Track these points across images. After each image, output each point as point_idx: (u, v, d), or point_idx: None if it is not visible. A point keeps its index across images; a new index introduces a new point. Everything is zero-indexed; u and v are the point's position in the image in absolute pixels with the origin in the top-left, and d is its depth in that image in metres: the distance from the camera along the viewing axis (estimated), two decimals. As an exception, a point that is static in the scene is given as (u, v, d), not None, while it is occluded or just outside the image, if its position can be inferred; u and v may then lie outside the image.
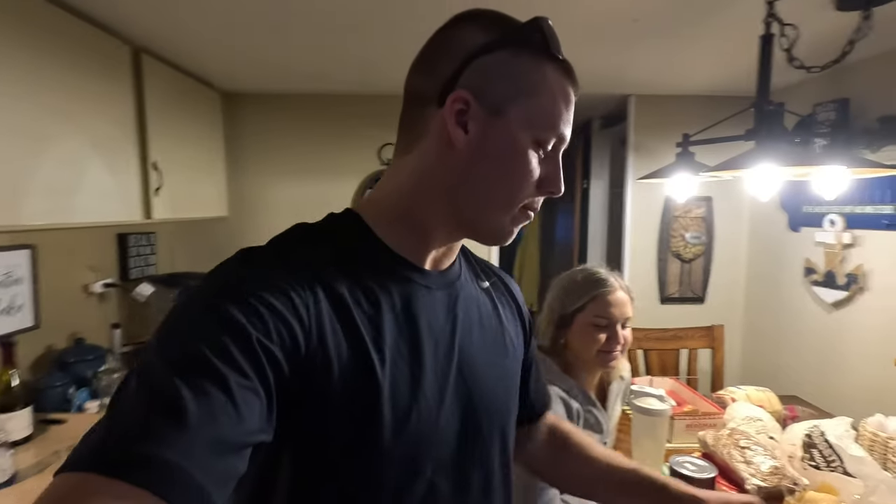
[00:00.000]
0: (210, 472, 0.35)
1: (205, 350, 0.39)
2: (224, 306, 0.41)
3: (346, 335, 0.47)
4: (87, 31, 1.44)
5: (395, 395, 0.48)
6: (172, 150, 1.88)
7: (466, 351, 0.56)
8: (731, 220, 2.45)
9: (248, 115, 2.46)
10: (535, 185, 0.53)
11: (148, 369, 0.39)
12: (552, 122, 0.52)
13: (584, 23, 1.48)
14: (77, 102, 1.40)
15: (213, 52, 1.85)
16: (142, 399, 0.37)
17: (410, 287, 0.53)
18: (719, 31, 1.55)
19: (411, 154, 0.54)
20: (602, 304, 1.12)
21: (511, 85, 0.50)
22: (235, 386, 0.38)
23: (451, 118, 0.50)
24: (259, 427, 0.40)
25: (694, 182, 1.45)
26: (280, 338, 0.42)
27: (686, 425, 1.40)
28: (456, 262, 0.60)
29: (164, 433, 0.35)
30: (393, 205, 0.55)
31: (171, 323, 0.43)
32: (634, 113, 2.42)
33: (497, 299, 0.65)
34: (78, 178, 1.41)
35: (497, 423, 0.59)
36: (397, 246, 0.54)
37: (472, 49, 0.51)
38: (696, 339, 1.96)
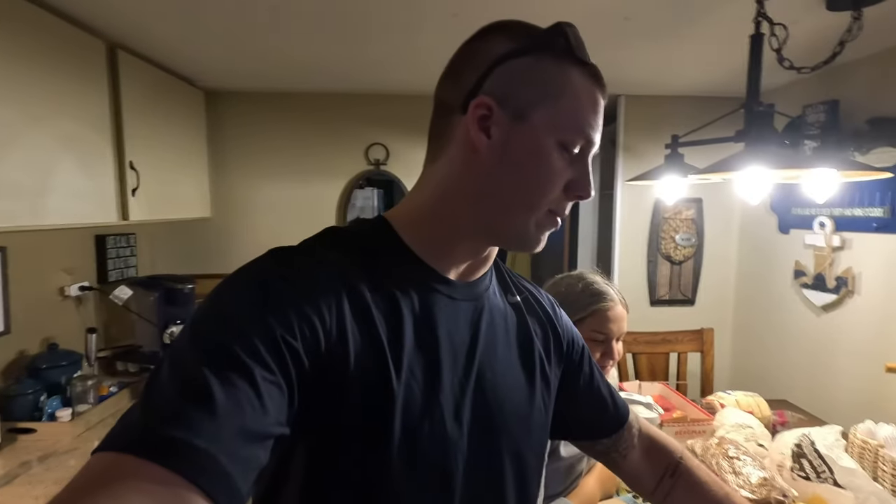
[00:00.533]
0: (237, 460, 0.37)
1: (233, 344, 0.40)
2: (250, 303, 0.43)
3: (366, 339, 0.47)
4: (57, 26, 1.39)
5: (409, 402, 0.48)
6: (151, 150, 1.83)
7: (488, 365, 0.56)
8: (721, 221, 2.43)
9: (232, 113, 2.40)
10: (563, 190, 0.53)
11: (180, 358, 0.41)
12: (577, 125, 0.51)
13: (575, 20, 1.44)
14: (46, 99, 1.34)
15: (194, 49, 1.80)
16: (174, 386, 0.38)
17: (433, 295, 0.53)
18: (710, 31, 1.53)
19: (438, 162, 0.55)
20: (602, 319, 1.08)
21: (534, 89, 0.51)
22: (260, 379, 0.40)
23: (473, 124, 0.51)
24: (280, 420, 0.41)
25: (683, 184, 1.43)
26: (303, 335, 0.43)
27: (675, 432, 1.37)
28: (487, 274, 0.60)
29: (195, 419, 0.36)
30: (420, 212, 0.55)
31: (201, 316, 0.45)
32: (624, 113, 2.40)
33: (527, 316, 0.64)
34: (47, 179, 1.36)
35: (516, 443, 0.58)
36: (424, 254, 0.54)
37: (495, 57, 0.51)
38: (686, 343, 1.94)
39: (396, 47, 1.71)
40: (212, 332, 0.42)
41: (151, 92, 1.86)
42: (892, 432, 1.16)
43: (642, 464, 0.73)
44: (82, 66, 1.49)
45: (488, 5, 1.35)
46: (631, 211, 2.43)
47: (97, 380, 1.66)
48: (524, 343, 0.62)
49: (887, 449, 1.12)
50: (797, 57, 1.34)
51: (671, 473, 0.71)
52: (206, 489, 0.34)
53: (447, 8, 1.38)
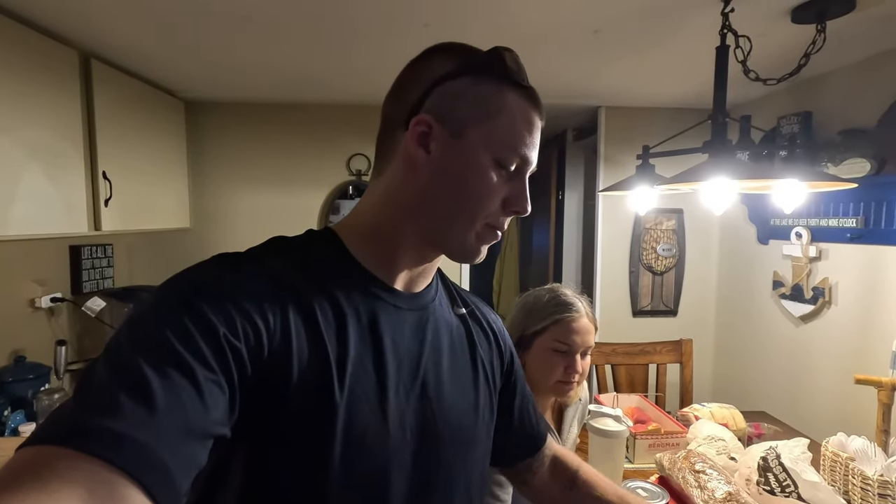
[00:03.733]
0: (175, 455, 0.35)
1: (174, 341, 0.40)
2: (195, 301, 0.43)
3: (310, 345, 0.47)
4: (27, 35, 1.38)
5: (352, 410, 0.48)
6: (126, 160, 1.81)
7: (433, 374, 0.56)
8: (701, 232, 2.44)
9: (213, 124, 2.40)
10: (501, 205, 0.54)
11: (118, 354, 0.39)
12: (512, 143, 0.53)
13: (544, 33, 1.46)
14: (13, 108, 1.33)
15: (172, 60, 1.80)
16: (112, 380, 0.37)
17: (378, 304, 0.54)
18: (681, 43, 1.54)
19: (382, 176, 0.57)
20: (564, 329, 1.06)
21: (472, 108, 0.53)
22: (202, 377, 0.39)
23: (413, 140, 0.53)
24: (221, 420, 0.41)
25: (653, 194, 1.43)
26: (246, 337, 0.43)
27: (649, 445, 1.36)
28: (432, 285, 0.61)
29: (131, 412, 0.34)
30: (365, 224, 0.56)
31: (142, 313, 0.43)
32: (605, 125, 2.41)
33: (473, 328, 0.65)
34: (13, 188, 1.34)
35: (461, 452, 0.58)
36: (370, 264, 0.55)
37: (436, 76, 0.53)
38: (665, 354, 1.93)
39: (375, 57, 1.71)
40: (152, 329, 0.41)
41: (128, 102, 1.85)
42: (862, 445, 1.15)
43: (549, 480, 0.74)
44: (54, 75, 1.48)
45: (459, 17, 1.35)
46: (612, 222, 2.43)
47: (65, 393, 1.62)
48: (470, 354, 0.62)
49: (857, 462, 1.11)
50: (766, 69, 1.35)
51: (570, 486, 0.73)
52: (144, 483, 0.32)
53: (420, 18, 1.39)
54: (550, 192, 3.16)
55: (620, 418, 1.17)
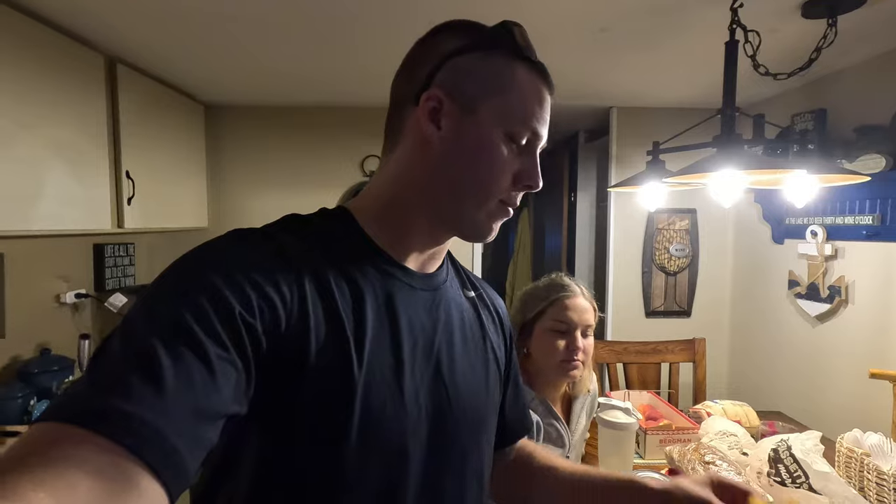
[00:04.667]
0: (185, 438, 0.35)
1: (187, 318, 0.39)
2: (209, 278, 0.42)
3: (328, 321, 0.47)
4: (57, 40, 1.45)
5: (370, 386, 0.48)
6: (149, 160, 1.87)
7: (446, 353, 0.56)
8: (715, 232, 2.42)
9: (230, 126, 2.46)
10: (512, 180, 0.54)
11: (130, 330, 0.39)
12: (522, 117, 0.53)
13: (551, 31, 1.48)
14: (41, 109, 1.39)
15: (193, 66, 1.86)
16: (123, 358, 0.37)
17: (394, 283, 0.54)
18: (691, 40, 1.55)
19: (393, 154, 0.57)
20: (560, 308, 1.11)
21: (482, 83, 0.52)
22: (214, 356, 0.39)
23: (424, 115, 0.53)
24: (234, 399, 0.40)
25: (664, 190, 1.43)
26: (261, 314, 0.43)
27: (659, 440, 1.35)
28: (443, 267, 0.62)
29: (144, 393, 0.35)
30: (378, 203, 0.56)
31: (157, 289, 0.43)
32: (616, 125, 2.41)
33: (482, 310, 0.65)
34: (38, 185, 1.40)
35: (473, 430, 0.58)
36: (383, 242, 0.55)
37: (445, 52, 0.54)
38: (678, 353, 1.92)
39: (387, 60, 1.74)
40: (166, 306, 0.41)
41: (151, 105, 1.91)
42: (878, 441, 1.13)
43: (514, 470, 0.73)
44: (81, 78, 1.54)
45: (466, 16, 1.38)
46: (624, 222, 2.43)
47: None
48: (480, 335, 0.63)
49: (873, 458, 1.10)
50: (778, 65, 1.35)
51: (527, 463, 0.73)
52: (152, 464, 0.33)
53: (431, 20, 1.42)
54: (563, 194, 3.16)
55: (630, 411, 1.17)
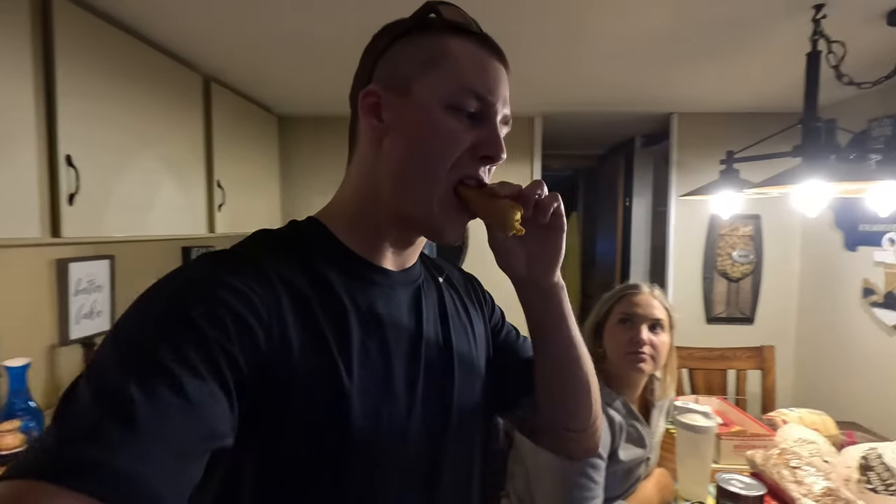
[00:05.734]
0: (163, 479, 0.34)
1: (160, 350, 0.37)
2: (182, 305, 0.40)
3: (311, 338, 0.46)
4: (166, 63, 1.60)
5: (364, 396, 0.48)
6: (233, 170, 2.03)
7: (435, 346, 0.57)
8: (781, 238, 2.38)
9: (301, 136, 2.61)
10: (471, 154, 0.52)
11: (100, 368, 0.37)
12: (461, 85, 0.51)
13: (628, 43, 1.52)
14: (155, 126, 1.55)
15: (274, 81, 2.00)
16: (93, 400, 0.35)
17: (374, 288, 0.54)
18: (764, 48, 1.55)
19: (353, 161, 0.57)
20: (626, 302, 1.17)
21: (412, 63, 0.51)
22: (191, 389, 0.37)
23: (364, 112, 0.53)
24: (217, 432, 0.39)
25: (738, 199, 1.45)
26: (240, 340, 0.41)
27: (734, 446, 1.37)
28: (417, 260, 0.62)
29: (115, 437, 0.33)
30: (347, 210, 0.56)
31: (127, 321, 0.41)
32: (677, 131, 2.41)
33: (454, 291, 0.66)
34: (153, 195, 1.55)
35: (470, 413, 0.59)
36: (358, 247, 0.54)
37: (379, 50, 0.54)
38: (745, 360, 1.91)
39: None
40: (136, 339, 0.39)
41: (236, 119, 2.07)
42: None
43: None
44: (184, 96, 1.70)
45: (549, 30, 1.44)
46: (685, 227, 2.42)
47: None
48: (460, 317, 0.63)
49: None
50: (858, 71, 1.34)
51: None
52: None
53: (499, 28, 1.49)
54: (618, 198, 3.16)
55: (709, 415, 1.20)
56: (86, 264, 1.64)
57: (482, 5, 1.28)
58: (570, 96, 2.18)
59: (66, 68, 1.18)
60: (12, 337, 1.41)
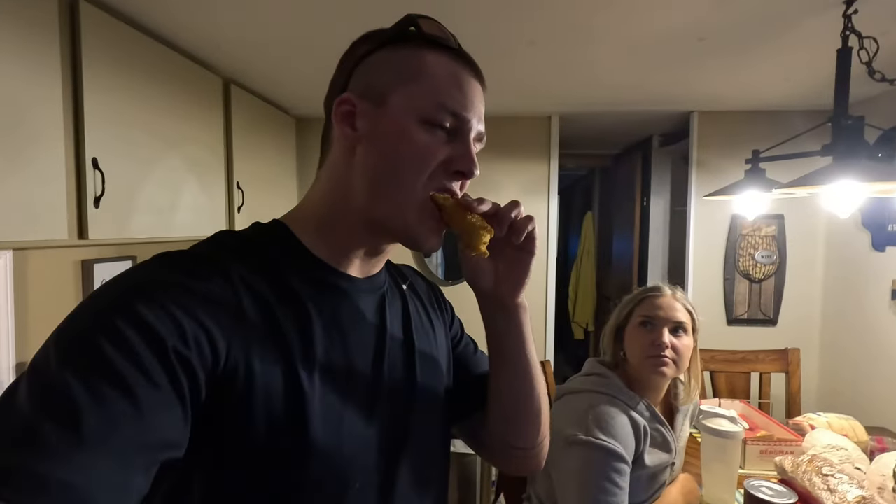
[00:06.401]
0: (110, 491, 0.32)
1: (110, 353, 0.35)
2: (136, 308, 0.38)
3: (272, 346, 0.45)
4: (187, 66, 1.62)
5: (324, 408, 0.46)
6: (252, 171, 2.04)
7: (397, 353, 0.57)
8: (805, 238, 2.33)
9: (317, 137, 2.60)
10: (443, 168, 0.52)
11: (43, 371, 0.35)
12: (438, 100, 0.51)
13: (650, 43, 1.49)
14: (178, 128, 1.57)
15: (292, 83, 2.01)
16: (33, 404, 0.33)
17: (339, 295, 0.53)
18: (790, 46, 1.52)
19: (324, 167, 0.57)
20: (647, 305, 1.15)
21: (389, 75, 0.51)
22: (143, 394, 0.35)
23: (338, 119, 0.53)
24: (169, 441, 0.37)
25: (765, 199, 1.42)
26: (197, 345, 0.39)
27: (760, 451, 1.34)
28: (382, 268, 0.61)
29: (57, 447, 0.31)
30: (313, 214, 0.55)
31: (74, 321, 0.39)
32: (697, 129, 2.37)
33: (418, 298, 0.66)
34: (176, 197, 1.57)
35: (430, 431, 0.59)
36: (322, 253, 0.53)
37: (356, 58, 0.54)
38: (769, 363, 1.87)
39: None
40: (82, 340, 0.36)
41: (254, 120, 2.08)
42: None
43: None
44: (205, 98, 1.72)
45: (568, 33, 1.42)
46: (706, 228, 2.38)
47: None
48: (423, 324, 0.63)
49: None
50: (890, 68, 1.31)
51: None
52: None
53: (524, 36, 1.48)
54: (635, 198, 3.13)
55: (736, 419, 1.17)
56: (109, 265, 1.67)
57: (499, 4, 1.28)
58: (589, 96, 2.16)
59: (92, 72, 1.20)
60: (39, 338, 1.44)
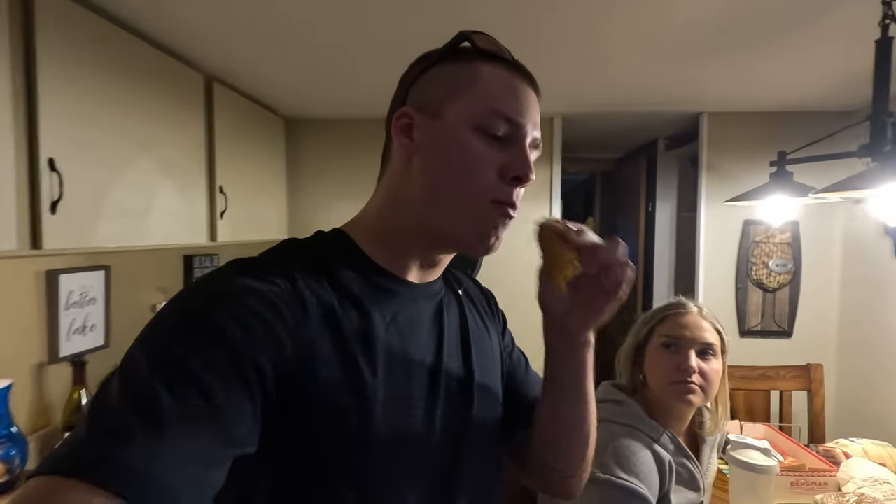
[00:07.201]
0: (187, 483, 0.35)
1: (190, 357, 0.38)
2: (212, 314, 0.41)
3: (337, 348, 0.47)
4: (167, 62, 1.50)
5: (386, 407, 0.48)
6: (237, 174, 1.92)
7: (455, 358, 0.58)
8: (821, 246, 2.22)
9: (308, 139, 2.50)
10: (500, 176, 0.53)
11: (131, 372, 0.39)
12: (491, 108, 0.52)
13: (666, 37, 1.38)
14: (153, 127, 1.44)
15: (278, 83, 1.90)
16: (123, 401, 0.36)
17: (398, 300, 0.55)
18: (820, 37, 1.40)
19: (383, 179, 0.59)
20: (671, 324, 1.02)
21: (445, 88, 0.54)
22: (218, 396, 0.38)
23: (396, 132, 0.55)
24: (241, 439, 0.40)
25: (794, 205, 1.30)
26: (267, 347, 0.42)
27: (791, 483, 1.22)
28: (440, 274, 0.63)
29: (142, 439, 0.34)
30: (373, 223, 0.58)
31: (158, 326, 0.43)
32: (707, 132, 2.27)
33: (473, 303, 0.67)
34: (149, 202, 1.44)
35: (489, 434, 0.60)
36: (383, 260, 0.56)
37: (414, 76, 0.57)
38: (790, 380, 1.75)
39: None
40: (166, 344, 0.40)
41: (239, 121, 1.96)
42: None
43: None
44: (184, 97, 1.59)
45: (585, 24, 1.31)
46: (717, 234, 2.27)
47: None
48: (479, 330, 0.65)
49: None
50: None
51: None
52: None
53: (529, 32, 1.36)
54: (639, 204, 3.01)
55: (769, 451, 1.05)
56: (78, 276, 1.53)
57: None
58: (593, 96, 2.05)
59: (48, 62, 1.07)
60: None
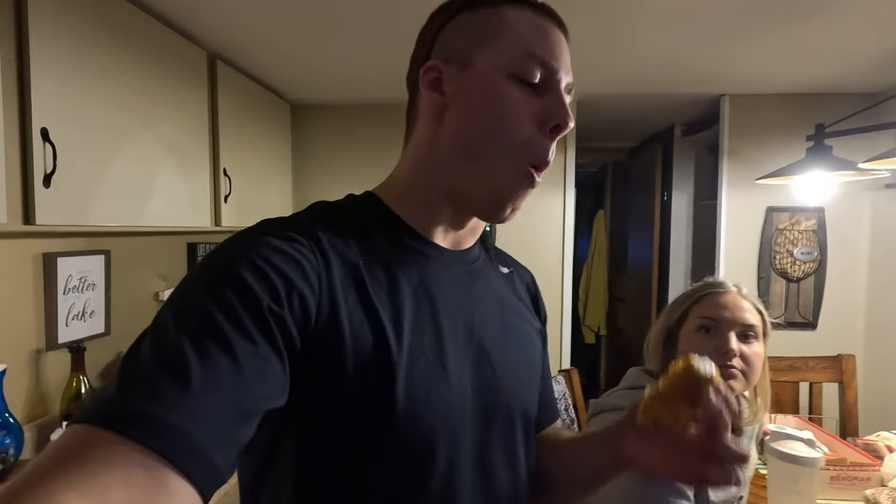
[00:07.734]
0: (214, 438, 0.35)
1: (215, 314, 0.39)
2: (236, 271, 0.42)
3: (362, 307, 0.47)
4: (168, 36, 1.43)
5: (412, 370, 0.47)
6: (241, 158, 1.85)
7: (488, 329, 0.56)
8: (848, 234, 2.13)
9: (314, 124, 2.44)
10: (537, 126, 0.50)
11: (159, 329, 0.40)
12: (523, 52, 0.50)
13: (692, 8, 1.30)
14: (154, 104, 1.38)
15: (285, 64, 1.84)
16: (152, 357, 0.38)
17: (428, 263, 0.54)
18: (847, 13, 1.32)
19: (412, 137, 0.57)
20: (708, 304, 0.94)
21: (472, 36, 0.51)
22: (242, 352, 0.38)
23: (425, 87, 0.53)
24: (267, 393, 0.40)
25: (832, 182, 1.22)
26: (289, 303, 0.42)
27: (831, 477, 1.14)
28: (476, 245, 0.61)
29: (170, 394, 0.35)
30: (402, 184, 0.56)
31: (186, 284, 0.44)
32: (728, 115, 2.18)
33: (517, 287, 0.66)
34: (150, 182, 1.38)
35: (520, 403, 0.58)
36: (414, 223, 0.55)
37: (436, 28, 0.54)
38: (819, 371, 1.67)
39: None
40: (193, 301, 0.41)
41: (244, 103, 1.89)
42: None
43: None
44: (186, 74, 1.53)
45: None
46: (738, 222, 2.19)
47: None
48: (519, 311, 0.63)
49: None
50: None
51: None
52: (180, 466, 0.33)
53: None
54: (654, 193, 2.93)
55: (813, 442, 0.98)
56: (77, 259, 1.47)
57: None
58: (612, 73, 1.97)
59: (40, 32, 1.01)
60: (-11, 340, 1.25)
